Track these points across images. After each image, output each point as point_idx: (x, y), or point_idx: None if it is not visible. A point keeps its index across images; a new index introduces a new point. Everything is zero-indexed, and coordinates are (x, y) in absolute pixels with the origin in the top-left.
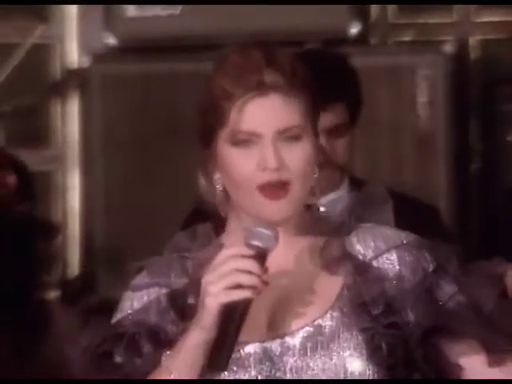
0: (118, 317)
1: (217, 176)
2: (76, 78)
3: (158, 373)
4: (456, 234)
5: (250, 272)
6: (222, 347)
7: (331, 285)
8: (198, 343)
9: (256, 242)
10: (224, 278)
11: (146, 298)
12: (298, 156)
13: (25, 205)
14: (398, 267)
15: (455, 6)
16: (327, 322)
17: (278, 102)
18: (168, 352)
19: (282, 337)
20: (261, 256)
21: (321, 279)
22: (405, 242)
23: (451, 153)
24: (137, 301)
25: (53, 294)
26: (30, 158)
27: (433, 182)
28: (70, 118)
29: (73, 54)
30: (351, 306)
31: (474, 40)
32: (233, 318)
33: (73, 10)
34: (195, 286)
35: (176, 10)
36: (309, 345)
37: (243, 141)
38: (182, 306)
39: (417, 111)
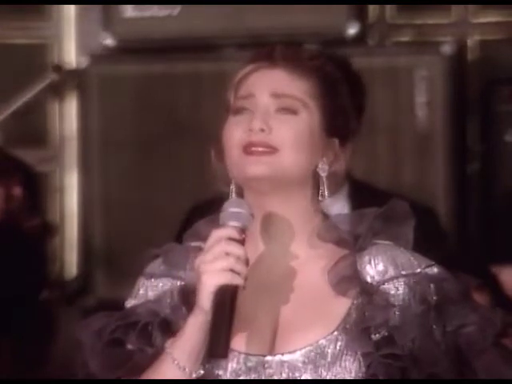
0: (132, 303)
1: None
2: (74, 79)
3: (161, 360)
4: (453, 235)
5: (239, 258)
6: (218, 333)
7: (339, 304)
8: (196, 326)
9: (233, 223)
10: (219, 260)
11: (160, 288)
12: (289, 126)
13: (35, 219)
14: (404, 295)
15: (453, 6)
16: (331, 343)
17: (279, 73)
18: (171, 339)
19: (282, 353)
20: (241, 239)
21: (329, 297)
22: (416, 271)
23: (449, 153)
24: (151, 290)
25: (51, 295)
26: (28, 159)
27: (431, 183)
28: (67, 119)
29: (70, 55)
30: (356, 328)
31: (472, 41)
32: (225, 303)
33: (71, 10)
34: None
35: (174, 10)
36: (309, 365)
37: (240, 108)
38: (193, 302)
39: (415, 112)
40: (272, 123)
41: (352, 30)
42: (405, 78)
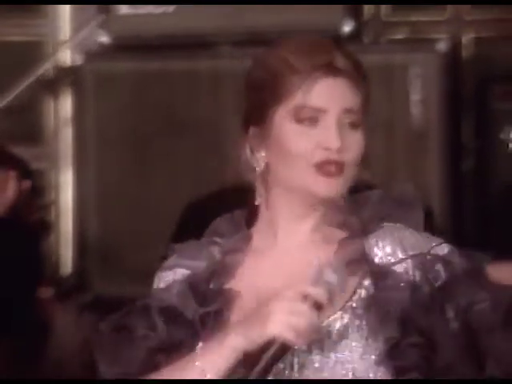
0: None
1: (261, 154)
2: (69, 76)
3: (189, 366)
4: (448, 232)
5: (312, 326)
6: (255, 377)
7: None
8: (236, 348)
9: (324, 291)
10: (295, 317)
11: (171, 278)
12: (355, 142)
13: (39, 213)
14: (414, 276)
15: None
16: (335, 322)
17: (345, 85)
18: (200, 345)
19: None
20: (322, 306)
21: None
22: (425, 250)
23: (444, 151)
24: (163, 281)
25: (46, 292)
26: (23, 156)
27: (425, 180)
28: (62, 116)
29: (66, 52)
30: (364, 308)
31: (466, 38)
32: (274, 355)
33: (66, 7)
34: (219, 273)
35: (169, 8)
36: (315, 344)
37: (308, 118)
38: (203, 292)
39: (410, 109)
40: (343, 138)
41: (347, 28)
42: (399, 76)
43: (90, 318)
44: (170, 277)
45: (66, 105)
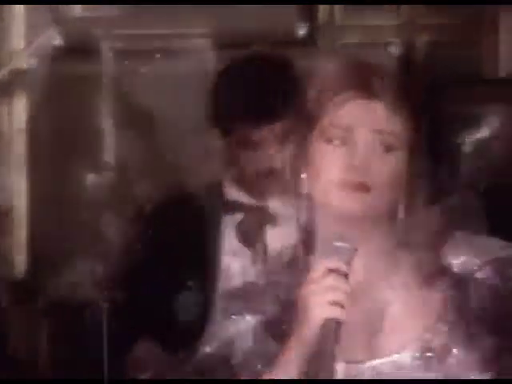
0: (214, 344)
1: (303, 178)
2: (23, 79)
3: None
4: None
5: (346, 293)
6: (323, 366)
7: (432, 299)
8: (297, 360)
9: (339, 257)
10: (328, 293)
11: (241, 325)
12: (386, 165)
13: None
14: (495, 281)
15: (402, 7)
16: (434, 337)
17: (379, 107)
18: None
19: (389, 355)
20: (347, 273)
21: (421, 294)
22: (500, 255)
23: None
24: (232, 328)
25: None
26: None
27: None
28: (16, 119)
29: (20, 56)
30: (455, 319)
31: (420, 42)
32: (330, 337)
33: (21, 9)
34: (287, 313)
35: (124, 10)
36: (418, 361)
37: (336, 137)
38: (279, 333)
39: None
40: (371, 161)
41: (301, 32)
42: None
43: (45, 322)
44: (241, 324)
45: (19, 108)
